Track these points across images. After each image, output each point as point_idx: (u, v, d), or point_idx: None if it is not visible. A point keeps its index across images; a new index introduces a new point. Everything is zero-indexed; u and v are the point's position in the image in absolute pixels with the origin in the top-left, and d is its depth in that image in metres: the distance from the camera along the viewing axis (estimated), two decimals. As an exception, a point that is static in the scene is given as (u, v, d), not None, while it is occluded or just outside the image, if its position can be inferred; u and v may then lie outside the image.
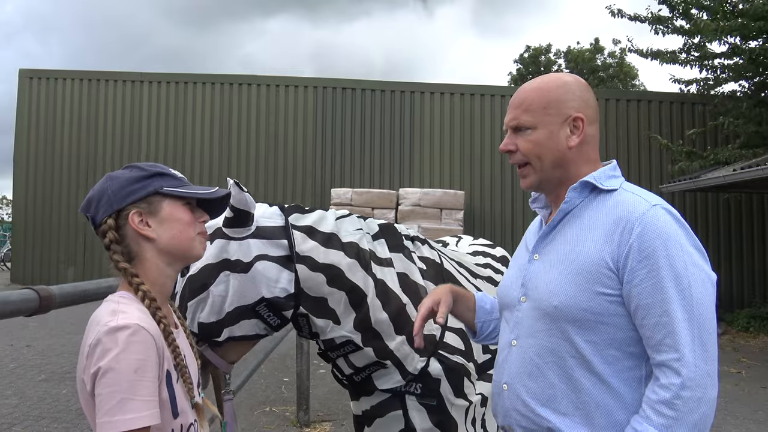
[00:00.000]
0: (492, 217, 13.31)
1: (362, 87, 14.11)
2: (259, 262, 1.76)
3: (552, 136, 1.41)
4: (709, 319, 1.23)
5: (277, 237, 1.82)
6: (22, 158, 14.67)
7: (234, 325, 1.77)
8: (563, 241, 1.39)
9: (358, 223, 2.04)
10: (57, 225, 14.36)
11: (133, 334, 1.16)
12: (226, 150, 14.13)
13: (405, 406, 2.01)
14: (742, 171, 8.97)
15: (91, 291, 1.56)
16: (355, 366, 2.00)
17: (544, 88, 1.45)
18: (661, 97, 13.40)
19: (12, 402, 5.34)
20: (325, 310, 1.89)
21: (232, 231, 1.78)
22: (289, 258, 1.81)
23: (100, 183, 1.34)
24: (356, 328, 1.91)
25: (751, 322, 10.57)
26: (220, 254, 1.75)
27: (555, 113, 1.41)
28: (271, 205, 1.95)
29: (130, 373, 1.13)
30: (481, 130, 13.62)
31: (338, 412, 5.34)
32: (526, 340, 1.41)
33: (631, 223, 1.28)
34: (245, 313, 1.77)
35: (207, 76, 14.65)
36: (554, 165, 1.42)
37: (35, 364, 6.74)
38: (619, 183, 1.41)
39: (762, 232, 12.37)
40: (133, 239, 1.31)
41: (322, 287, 1.86)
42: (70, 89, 14.74)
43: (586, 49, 30.40)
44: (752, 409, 5.80)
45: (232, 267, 1.75)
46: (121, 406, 1.12)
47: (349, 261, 1.90)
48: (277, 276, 1.78)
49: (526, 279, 1.45)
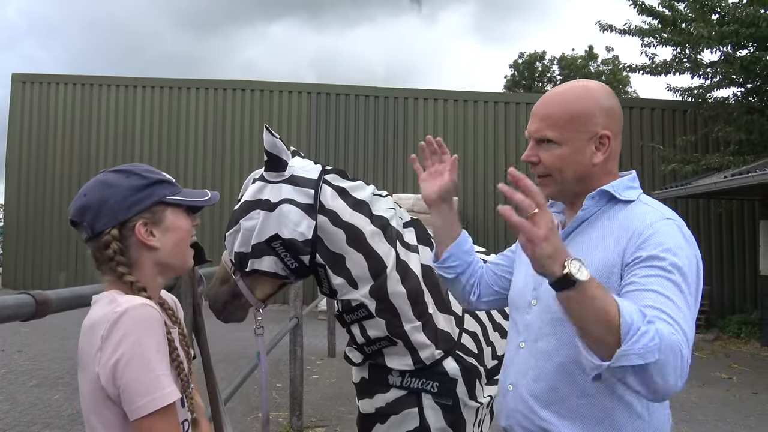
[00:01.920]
0: (485, 224, 13.33)
1: (356, 93, 14.13)
2: (284, 205, 1.94)
3: (577, 152, 1.39)
4: (694, 312, 1.20)
5: (307, 187, 1.97)
6: (14, 163, 14.62)
7: (257, 258, 1.95)
8: (576, 249, 1.37)
9: (394, 206, 2.11)
10: (49, 230, 14.30)
11: (145, 313, 1.18)
12: (220, 155, 14.11)
13: (421, 404, 2.02)
14: (733, 178, 9.04)
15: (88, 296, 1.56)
16: (368, 336, 2.01)
17: (571, 102, 1.40)
18: (654, 104, 13.48)
19: (3, 408, 5.31)
20: (341, 267, 1.98)
21: (268, 175, 1.98)
22: (312, 207, 1.95)
23: (95, 189, 1.31)
24: (371, 295, 1.96)
25: (742, 328, 10.62)
26: (256, 194, 1.97)
27: (582, 130, 1.38)
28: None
29: (153, 353, 1.17)
30: (475, 136, 13.66)
31: (331, 417, 5.34)
32: (534, 344, 1.41)
33: (640, 230, 1.28)
34: (266, 249, 1.94)
35: (201, 81, 14.65)
36: (577, 180, 1.41)
37: (27, 370, 6.70)
38: (636, 194, 1.40)
39: (753, 238, 12.42)
40: (135, 248, 1.31)
41: (342, 244, 1.96)
42: (63, 94, 14.71)
43: (580, 56, 30.55)
44: (743, 414, 5.83)
45: (263, 206, 1.95)
46: (157, 382, 1.15)
47: (373, 229, 1.99)
48: (298, 220, 1.94)
49: (537, 283, 1.44)
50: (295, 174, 1.99)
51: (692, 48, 11.16)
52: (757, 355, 9.10)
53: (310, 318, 10.53)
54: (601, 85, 1.45)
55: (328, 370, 7.19)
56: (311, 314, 10.41)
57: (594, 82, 1.47)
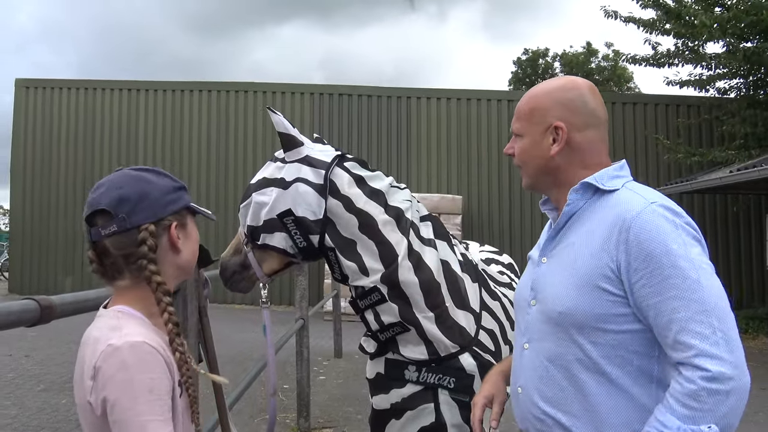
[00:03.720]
0: (490, 222, 13.31)
1: (359, 93, 14.13)
2: (298, 183, 2.00)
3: (535, 144, 1.44)
4: (725, 309, 1.19)
5: (321, 168, 2.02)
6: (19, 168, 14.66)
7: (268, 233, 2.02)
8: (567, 244, 1.39)
9: (410, 199, 2.12)
10: (54, 234, 14.33)
11: (140, 353, 1.13)
12: (224, 157, 14.13)
13: (437, 400, 2.01)
14: (739, 173, 9.00)
15: (93, 300, 1.55)
16: (381, 321, 2.01)
17: (533, 96, 1.47)
18: (657, 100, 13.43)
19: (11, 412, 5.32)
20: (353, 252, 2.00)
21: (286, 155, 2.05)
22: (324, 188, 2.00)
23: (133, 183, 1.27)
24: (383, 282, 1.96)
25: (749, 323, 10.57)
26: (274, 173, 2.04)
27: (538, 122, 1.43)
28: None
29: (145, 394, 1.11)
30: (478, 134, 13.63)
31: (338, 418, 5.33)
32: (537, 344, 1.41)
33: (627, 223, 1.26)
34: (278, 224, 2.00)
35: (204, 84, 14.67)
36: (539, 171, 1.46)
37: (34, 374, 6.71)
38: (621, 183, 1.39)
39: (759, 233, 12.38)
40: (163, 249, 1.29)
41: (353, 229, 1.99)
42: (66, 98, 14.75)
43: (580, 53, 30.46)
44: (752, 410, 5.80)
45: (277, 183, 2.01)
46: (140, 429, 1.09)
47: (386, 218, 2.00)
48: (309, 199, 1.99)
49: (534, 282, 1.45)
50: (311, 155, 2.04)
51: (695, 39, 11.13)
52: (765, 351, 9.07)
53: (316, 319, 10.53)
54: (577, 80, 1.47)
55: (335, 370, 7.19)
56: (317, 315, 10.42)
57: (571, 78, 1.49)
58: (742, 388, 1.15)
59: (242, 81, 14.90)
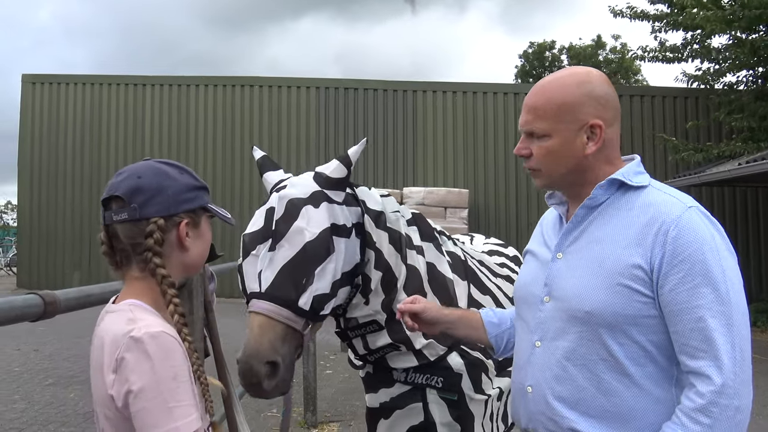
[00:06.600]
0: (497, 216, 13.29)
1: (364, 87, 14.10)
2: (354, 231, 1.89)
3: (567, 143, 1.34)
4: (746, 326, 1.21)
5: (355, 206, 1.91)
6: (26, 164, 14.71)
7: (335, 296, 1.88)
8: (591, 240, 1.34)
9: (396, 205, 2.07)
10: (62, 229, 14.39)
11: (161, 342, 1.16)
12: (230, 152, 14.12)
13: (425, 399, 2.00)
14: (747, 165, 8.94)
15: (96, 295, 1.55)
16: (370, 347, 1.99)
17: (558, 92, 1.35)
18: (664, 92, 13.35)
19: (19, 407, 5.35)
20: (365, 287, 1.92)
21: (334, 194, 1.85)
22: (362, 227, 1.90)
23: (153, 175, 1.30)
24: (384, 309, 1.93)
25: (759, 316, 10.50)
26: (329, 218, 1.79)
27: (570, 120, 1.33)
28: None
29: (169, 382, 1.14)
30: (485, 127, 13.59)
31: (345, 412, 5.34)
32: (553, 343, 1.36)
33: (666, 225, 1.24)
34: (346, 279, 1.86)
35: (210, 78, 14.66)
36: (569, 171, 1.37)
37: (42, 369, 6.75)
38: (647, 179, 1.36)
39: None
40: (170, 245, 1.30)
41: (369, 265, 1.90)
42: (73, 94, 14.77)
43: (588, 45, 30.29)
44: (761, 404, 5.77)
45: (342, 232, 1.82)
46: (168, 414, 1.12)
47: (390, 248, 1.94)
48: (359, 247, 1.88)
49: (549, 278, 1.40)
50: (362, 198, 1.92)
51: (702, 33, 11.07)
52: (774, 344, 9.01)
53: (323, 313, 10.53)
54: (591, 71, 1.39)
55: (341, 365, 7.19)
56: (323, 309, 10.41)
57: (584, 68, 1.41)
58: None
59: (249, 75, 14.87)
